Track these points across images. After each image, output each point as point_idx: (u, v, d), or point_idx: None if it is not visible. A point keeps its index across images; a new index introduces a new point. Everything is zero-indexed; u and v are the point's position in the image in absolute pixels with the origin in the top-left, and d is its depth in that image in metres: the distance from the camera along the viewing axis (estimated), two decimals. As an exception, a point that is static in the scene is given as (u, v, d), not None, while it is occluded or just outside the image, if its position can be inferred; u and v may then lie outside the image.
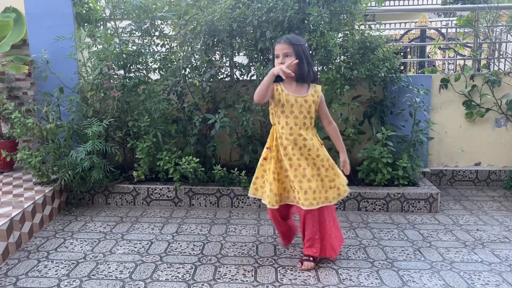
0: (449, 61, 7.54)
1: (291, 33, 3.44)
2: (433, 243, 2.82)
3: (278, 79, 2.34)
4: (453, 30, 5.65)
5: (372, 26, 3.82)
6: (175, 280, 2.34)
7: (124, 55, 3.65)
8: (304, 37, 3.35)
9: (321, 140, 2.51)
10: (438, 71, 4.59)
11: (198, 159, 3.47)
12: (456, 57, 6.52)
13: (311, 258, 2.50)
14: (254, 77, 3.65)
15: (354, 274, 2.39)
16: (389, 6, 11.58)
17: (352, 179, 3.75)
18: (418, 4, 12.65)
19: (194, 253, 2.68)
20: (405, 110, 3.89)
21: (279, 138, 2.41)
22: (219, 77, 3.75)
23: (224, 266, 2.51)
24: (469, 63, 5.31)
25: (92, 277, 2.38)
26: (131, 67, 3.76)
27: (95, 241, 2.87)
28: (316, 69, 3.73)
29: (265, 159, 2.50)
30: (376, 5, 4.39)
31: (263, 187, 2.51)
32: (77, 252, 2.71)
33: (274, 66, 2.36)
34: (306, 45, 2.49)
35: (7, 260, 2.59)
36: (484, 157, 4.25)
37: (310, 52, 3.60)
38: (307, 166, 2.39)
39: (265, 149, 2.51)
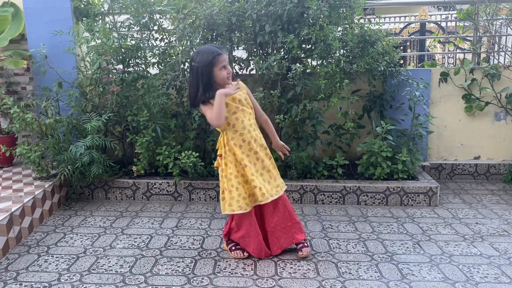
0: (449, 55, 7.53)
1: (289, 26, 3.44)
2: (433, 237, 2.82)
3: (211, 95, 2.32)
4: (453, 23, 5.64)
5: (372, 19, 3.80)
6: (175, 274, 2.35)
7: (122, 50, 3.64)
8: (303, 31, 3.34)
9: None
10: (437, 65, 4.58)
11: (197, 154, 3.47)
12: (456, 50, 6.52)
13: (306, 244, 2.56)
14: (254, 71, 3.64)
15: (354, 268, 2.40)
16: (389, -1, 11.52)
17: (352, 173, 3.76)
18: (417, -2, 12.57)
19: (194, 247, 2.69)
20: (404, 104, 3.89)
21: (231, 139, 2.39)
22: (218, 72, 3.73)
23: (224, 260, 2.52)
24: (468, 56, 5.31)
25: (92, 271, 2.39)
26: (130, 62, 3.75)
27: (95, 236, 2.88)
28: (315, 63, 3.74)
29: (218, 167, 2.50)
30: (376, -2, 4.37)
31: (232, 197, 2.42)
32: (77, 246, 2.71)
33: (227, 73, 2.35)
34: None
35: (7, 255, 2.59)
36: (484, 150, 4.25)
37: (310, 46, 3.60)
38: (264, 158, 2.45)
39: (217, 159, 2.51)
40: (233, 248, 2.56)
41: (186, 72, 3.67)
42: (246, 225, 2.47)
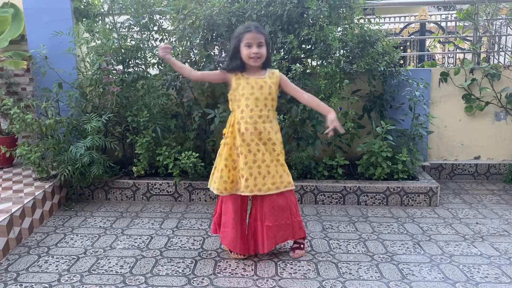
0: (449, 55, 7.53)
1: (289, 27, 3.44)
2: (433, 237, 2.82)
3: (240, 67, 2.37)
4: (453, 23, 5.64)
5: (372, 20, 3.80)
6: (175, 274, 2.35)
7: (122, 50, 3.64)
8: (303, 31, 3.34)
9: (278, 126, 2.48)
10: (437, 65, 4.58)
11: (197, 154, 3.47)
12: (456, 50, 6.51)
13: (302, 245, 2.56)
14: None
15: (354, 268, 2.40)
16: (389, -1, 11.52)
17: (352, 173, 3.76)
18: (417, -2, 12.56)
19: (194, 248, 2.69)
20: (404, 104, 3.89)
21: (236, 123, 2.38)
22: (218, 72, 3.74)
23: (224, 260, 2.52)
24: (468, 56, 5.30)
25: (93, 272, 2.39)
26: (130, 62, 3.75)
27: (95, 236, 2.88)
28: (315, 63, 3.73)
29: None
30: (375, -2, 4.37)
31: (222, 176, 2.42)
32: (78, 247, 2.71)
33: (250, 53, 2.30)
34: None
35: (7, 256, 2.59)
36: (484, 150, 4.25)
37: (310, 46, 3.60)
38: (266, 152, 2.38)
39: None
40: None
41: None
42: (228, 213, 2.45)
